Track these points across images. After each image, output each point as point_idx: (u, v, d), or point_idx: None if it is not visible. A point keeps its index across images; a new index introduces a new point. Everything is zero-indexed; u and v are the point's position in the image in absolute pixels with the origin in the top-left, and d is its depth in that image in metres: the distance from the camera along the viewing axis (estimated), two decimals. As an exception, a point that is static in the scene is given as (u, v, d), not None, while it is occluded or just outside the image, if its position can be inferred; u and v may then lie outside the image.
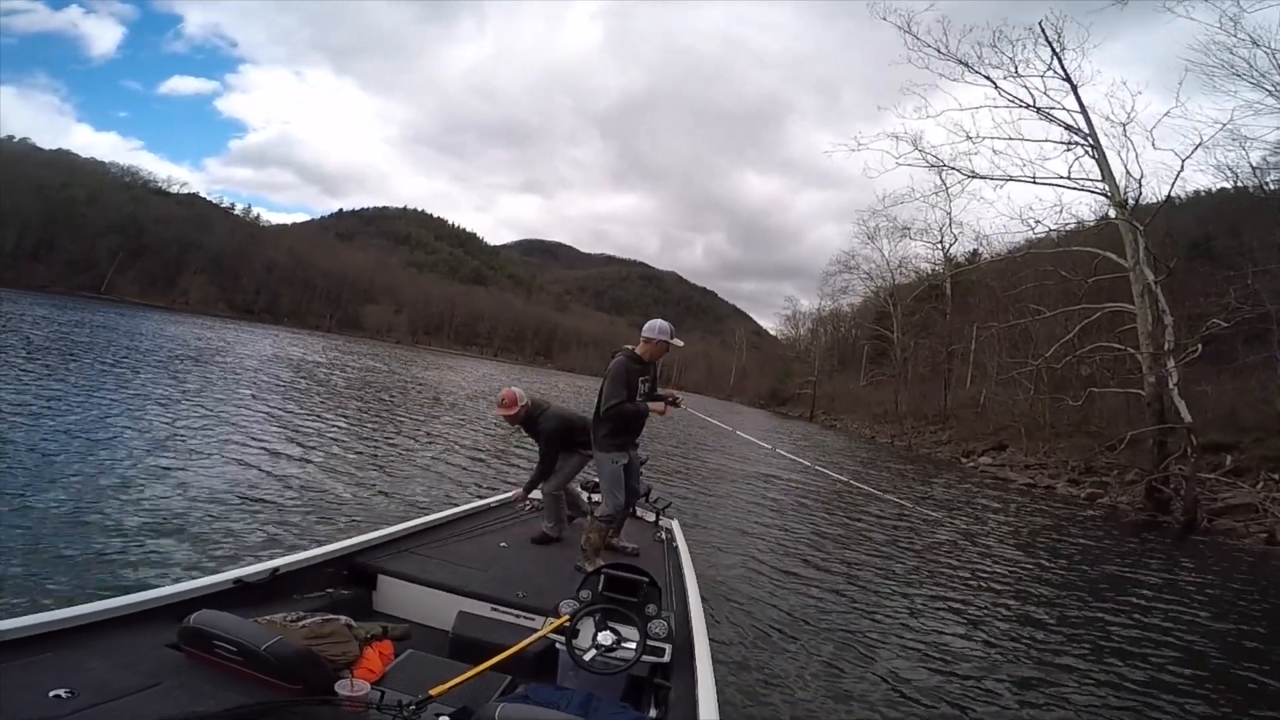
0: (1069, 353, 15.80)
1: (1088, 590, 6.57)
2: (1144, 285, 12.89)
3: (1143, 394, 13.01)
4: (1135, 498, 12.87)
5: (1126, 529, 11.06)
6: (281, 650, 1.61)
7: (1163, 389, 12.11)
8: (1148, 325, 12.77)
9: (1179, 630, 5.42)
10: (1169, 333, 12.33)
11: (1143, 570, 7.74)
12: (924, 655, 4.23)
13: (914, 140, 17.13)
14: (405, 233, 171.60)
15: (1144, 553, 8.97)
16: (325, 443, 8.73)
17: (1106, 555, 8.61)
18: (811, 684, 3.56)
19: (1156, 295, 12.56)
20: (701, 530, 6.80)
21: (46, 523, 4.12)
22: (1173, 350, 12.15)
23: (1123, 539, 10.02)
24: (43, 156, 69.00)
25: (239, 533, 4.63)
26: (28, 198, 54.28)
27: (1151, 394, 12.53)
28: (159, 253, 64.73)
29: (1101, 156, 14.07)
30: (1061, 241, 17.84)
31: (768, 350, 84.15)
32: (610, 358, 3.58)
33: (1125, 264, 13.58)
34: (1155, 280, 12.66)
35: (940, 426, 29.67)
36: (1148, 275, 12.76)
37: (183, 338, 25.01)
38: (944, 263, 35.02)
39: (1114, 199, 13.94)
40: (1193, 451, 11.28)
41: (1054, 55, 14.64)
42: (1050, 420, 20.54)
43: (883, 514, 9.68)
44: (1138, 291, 13.02)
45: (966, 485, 15.72)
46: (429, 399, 18.66)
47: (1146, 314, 12.80)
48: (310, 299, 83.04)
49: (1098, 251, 15.11)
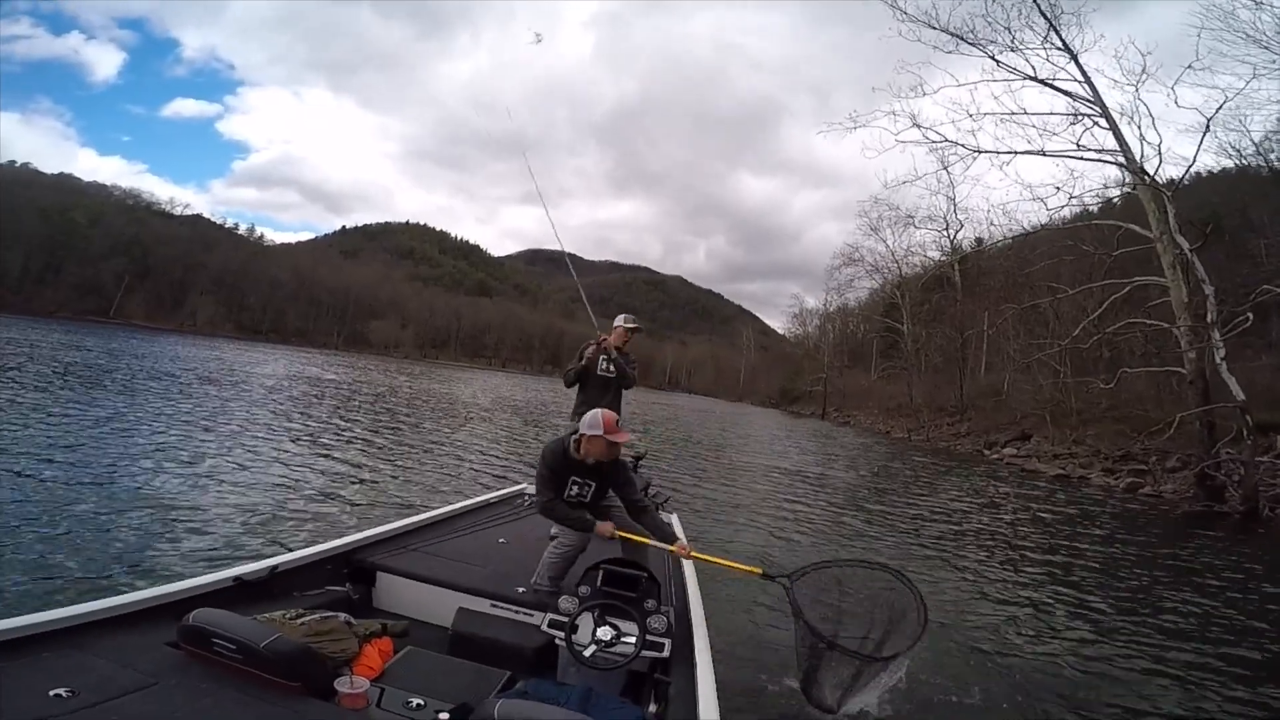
0: (1096, 332, 14.86)
1: (1152, 593, 5.87)
2: (1174, 256, 11.99)
3: (1183, 371, 12.03)
4: (1182, 486, 11.93)
5: (1180, 522, 10.12)
6: (281, 648, 1.60)
7: (1206, 365, 11.17)
8: (1183, 297, 11.83)
9: (1264, 634, 4.76)
10: (1210, 303, 11.29)
11: (1211, 572, 6.86)
12: (939, 653, 4.00)
13: (912, 116, 16.19)
14: (409, 247, 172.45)
15: (1206, 549, 8.12)
16: (327, 446, 8.71)
17: (1163, 553, 7.80)
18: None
19: (1193, 264, 11.60)
20: (700, 523, 6.71)
21: (46, 523, 4.13)
22: (1216, 322, 11.12)
23: (1179, 534, 9.15)
24: (46, 180, 69.71)
25: (238, 531, 4.63)
26: (32, 222, 54.84)
27: (1194, 371, 11.55)
28: (164, 275, 65.30)
29: (1113, 124, 13.21)
30: (1076, 218, 16.97)
31: (776, 349, 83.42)
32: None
33: (1151, 235, 12.69)
34: (1191, 248, 11.71)
35: (958, 418, 28.81)
36: (1182, 243, 11.81)
37: (196, 359, 25.17)
38: (950, 250, 34.19)
39: (1132, 167, 13.05)
40: (1249, 433, 10.29)
41: (1050, 26, 13.92)
42: (1077, 406, 19.69)
43: (903, 508, 9.12)
44: (1168, 263, 12.12)
45: (993, 479, 14.87)
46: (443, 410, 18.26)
47: (1181, 285, 11.87)
48: (316, 316, 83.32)
49: (1119, 224, 14.16)
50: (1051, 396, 20.72)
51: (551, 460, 2.78)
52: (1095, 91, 13.58)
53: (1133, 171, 13.13)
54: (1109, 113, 13.31)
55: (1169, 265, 12.25)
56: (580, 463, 2.77)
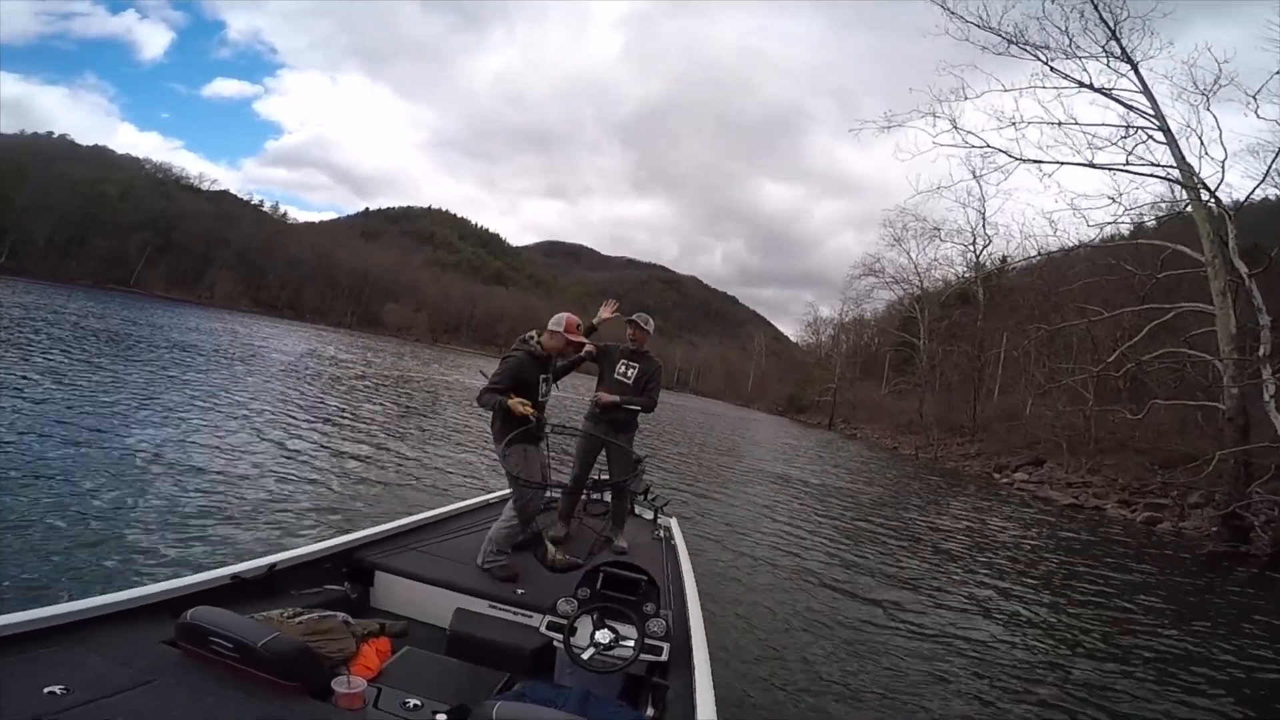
0: (1131, 359, 14.16)
1: (1188, 638, 5.46)
2: (1225, 282, 11.25)
3: (1221, 407, 11.35)
4: (1204, 524, 11.35)
5: (1204, 562, 9.64)
6: (278, 647, 1.59)
7: (1249, 402, 10.53)
8: (1230, 328, 11.13)
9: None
10: (1266, 334, 10.56)
11: (1244, 619, 6.44)
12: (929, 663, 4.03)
13: (952, 120, 15.66)
14: (429, 232, 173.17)
15: (1235, 593, 7.67)
16: (329, 440, 8.45)
17: (1183, 593, 7.40)
18: (809, 684, 3.51)
19: (1251, 292, 10.88)
20: (700, 528, 6.65)
21: (44, 518, 4.06)
22: (1269, 355, 10.41)
23: (1200, 574, 8.70)
24: (79, 153, 70.91)
25: (236, 528, 4.59)
26: (63, 193, 55.86)
27: (1234, 407, 10.90)
28: (187, 248, 66.07)
29: (1171, 138, 12.46)
30: (1114, 238, 16.29)
31: (787, 356, 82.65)
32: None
33: (1201, 258, 11.91)
34: (1250, 274, 10.93)
35: (968, 439, 28.17)
36: (1241, 268, 11.05)
37: (213, 331, 25.41)
38: (975, 267, 33.39)
39: (1189, 184, 12.28)
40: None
41: (1110, 34, 13.34)
42: (1095, 434, 19.05)
43: (901, 525, 8.85)
44: (1217, 289, 11.37)
45: (1001, 504, 14.41)
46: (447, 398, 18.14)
47: (1229, 315, 11.15)
48: (333, 296, 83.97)
49: (1166, 244, 13.34)
50: (1071, 423, 20.05)
51: (520, 368, 3.02)
52: (1155, 103, 12.91)
53: (1189, 188, 12.38)
54: (1168, 125, 12.61)
55: (1218, 292, 11.49)
56: (545, 358, 3.12)
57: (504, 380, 2.99)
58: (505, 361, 3.07)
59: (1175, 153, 12.57)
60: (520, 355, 3.06)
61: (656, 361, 3.76)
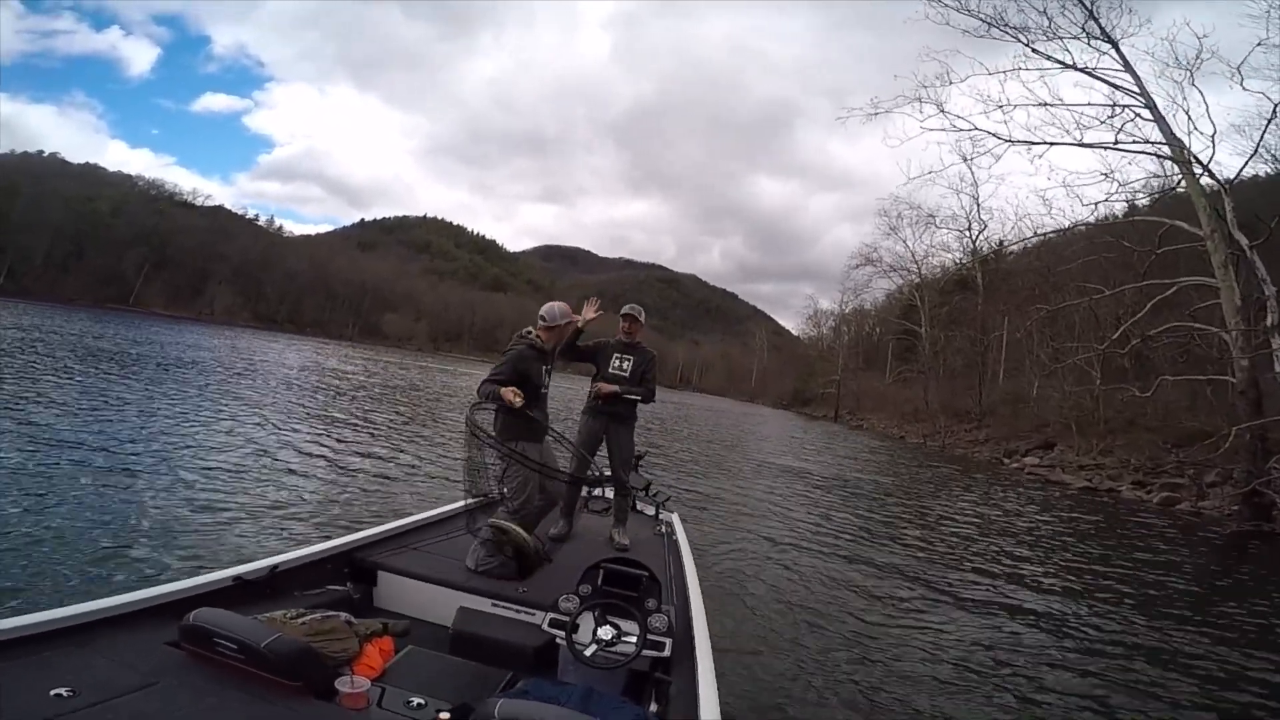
0: (1136, 335, 13.99)
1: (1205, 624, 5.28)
2: (1226, 255, 11.17)
3: (1232, 380, 11.22)
4: (1223, 502, 11.15)
5: (1225, 543, 9.42)
6: (281, 647, 1.59)
7: (1259, 374, 10.38)
8: (1235, 300, 11.03)
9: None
10: (1271, 305, 10.45)
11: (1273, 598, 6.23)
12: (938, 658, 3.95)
13: (938, 104, 15.55)
14: (425, 240, 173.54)
15: (1261, 573, 7.50)
16: (331, 446, 8.44)
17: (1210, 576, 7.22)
18: (813, 679, 3.47)
19: (1254, 263, 10.78)
20: (702, 523, 6.62)
21: (46, 522, 4.10)
22: (1277, 325, 10.29)
23: (1225, 555, 8.51)
24: (71, 170, 71.04)
25: (238, 530, 4.58)
26: (56, 211, 56.02)
27: (1245, 380, 10.75)
28: (183, 264, 66.17)
29: (1158, 115, 12.42)
30: (1110, 216, 16.18)
31: (789, 350, 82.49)
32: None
33: (1200, 232, 11.84)
34: (1250, 246, 10.85)
35: (975, 424, 28.06)
36: (1241, 240, 10.99)
37: (214, 348, 25.46)
38: (972, 252, 33.27)
39: (1179, 159, 12.24)
40: (1306, 448, 9.50)
41: (1088, 13, 13.16)
42: (1105, 414, 18.90)
43: (910, 515, 8.76)
44: (1218, 262, 11.29)
45: (1013, 490, 14.22)
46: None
47: (1233, 287, 11.05)
48: (332, 308, 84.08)
49: (1163, 220, 13.26)
50: (1079, 403, 19.89)
51: (521, 359, 3.05)
52: (1138, 80, 12.86)
53: (1179, 163, 12.31)
54: (1153, 103, 12.55)
55: (1219, 265, 11.41)
56: (544, 351, 3.17)
57: (505, 372, 3.00)
58: (506, 354, 3.11)
59: (1164, 129, 12.54)
60: (521, 348, 3.11)
61: (651, 352, 3.73)
